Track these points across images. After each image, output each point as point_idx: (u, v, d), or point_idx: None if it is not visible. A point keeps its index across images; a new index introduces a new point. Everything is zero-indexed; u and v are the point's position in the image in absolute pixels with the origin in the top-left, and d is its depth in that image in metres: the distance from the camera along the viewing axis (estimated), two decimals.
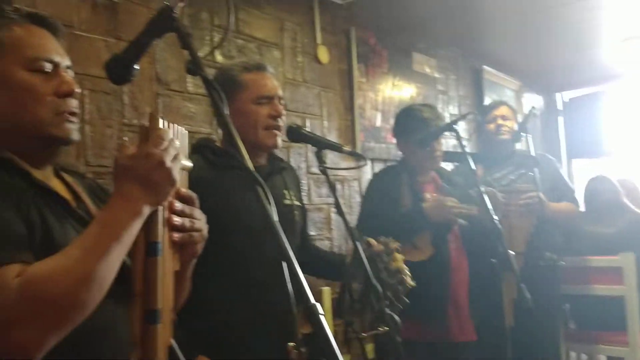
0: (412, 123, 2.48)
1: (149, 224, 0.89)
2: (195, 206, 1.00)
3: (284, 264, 0.93)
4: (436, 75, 4.42)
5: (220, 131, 1.78)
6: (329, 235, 3.28)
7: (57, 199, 0.99)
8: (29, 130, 0.97)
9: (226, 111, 1.00)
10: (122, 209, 0.86)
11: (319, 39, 3.34)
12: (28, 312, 0.79)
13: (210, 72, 1.17)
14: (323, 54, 3.35)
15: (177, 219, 0.94)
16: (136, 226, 0.87)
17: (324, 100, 3.38)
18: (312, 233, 2.86)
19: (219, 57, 2.71)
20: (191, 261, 1.03)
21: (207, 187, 1.22)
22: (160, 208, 0.91)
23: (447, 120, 3.16)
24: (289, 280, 0.92)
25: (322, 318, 0.89)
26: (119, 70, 1.10)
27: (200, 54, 1.13)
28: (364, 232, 1.83)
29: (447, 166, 2.95)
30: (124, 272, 0.90)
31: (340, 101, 3.51)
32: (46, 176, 1.03)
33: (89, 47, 2.16)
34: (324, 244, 3.19)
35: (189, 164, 1.02)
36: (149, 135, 0.90)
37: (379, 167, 3.51)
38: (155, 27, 1.10)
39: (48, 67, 0.99)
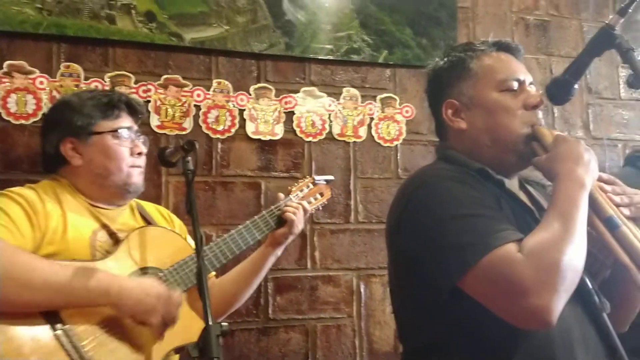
0: None
1: (596, 205, 1.02)
2: (619, 185, 1.07)
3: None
4: None
5: None
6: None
7: (525, 208, 1.13)
8: (504, 143, 1.11)
9: None
10: (570, 182, 1.00)
11: None
12: (538, 280, 0.89)
13: None
14: None
15: (614, 196, 1.04)
16: (585, 197, 0.99)
17: None
18: None
19: None
20: None
21: None
22: (596, 191, 1.03)
23: None
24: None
25: None
26: (560, 91, 1.18)
27: None
28: None
29: None
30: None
31: None
32: (514, 187, 1.17)
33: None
34: None
35: None
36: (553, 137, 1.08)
37: None
38: (596, 46, 1.15)
39: (515, 85, 1.13)
